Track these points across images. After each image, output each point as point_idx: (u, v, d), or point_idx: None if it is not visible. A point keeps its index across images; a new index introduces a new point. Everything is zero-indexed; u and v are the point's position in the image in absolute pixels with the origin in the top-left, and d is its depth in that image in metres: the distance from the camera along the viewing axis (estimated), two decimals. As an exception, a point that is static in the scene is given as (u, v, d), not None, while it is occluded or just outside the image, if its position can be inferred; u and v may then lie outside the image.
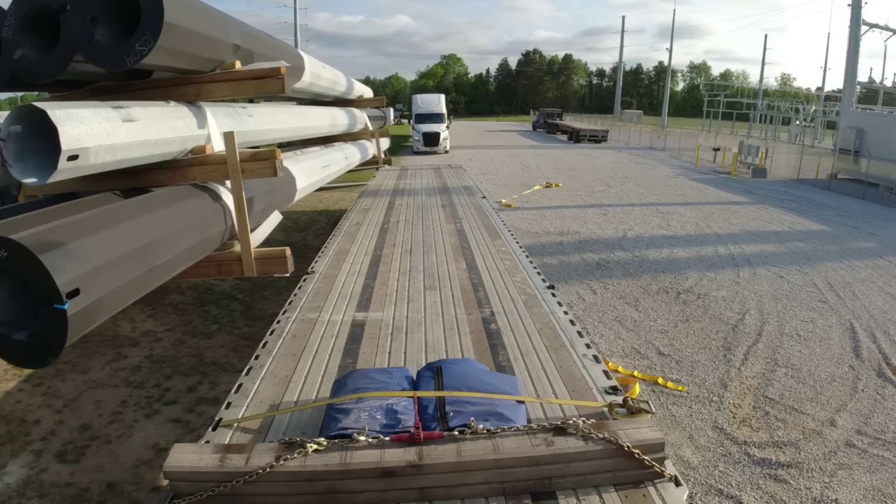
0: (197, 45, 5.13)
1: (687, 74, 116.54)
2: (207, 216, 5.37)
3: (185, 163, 5.58)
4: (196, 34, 4.99)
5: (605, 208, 16.92)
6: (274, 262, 5.89)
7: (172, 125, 5.14)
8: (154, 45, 4.30)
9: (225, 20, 5.87)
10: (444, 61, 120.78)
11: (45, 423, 5.69)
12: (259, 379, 3.41)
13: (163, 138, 4.93)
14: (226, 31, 5.71)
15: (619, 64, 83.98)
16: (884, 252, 12.10)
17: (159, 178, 5.44)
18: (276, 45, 8.05)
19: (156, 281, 4.72)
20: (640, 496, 2.29)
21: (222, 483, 2.22)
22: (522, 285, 5.15)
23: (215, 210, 5.54)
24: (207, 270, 5.87)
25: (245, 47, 6.09)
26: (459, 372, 2.93)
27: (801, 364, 6.91)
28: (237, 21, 6.40)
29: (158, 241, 4.49)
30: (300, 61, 9.47)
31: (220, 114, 6.26)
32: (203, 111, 5.76)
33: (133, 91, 5.36)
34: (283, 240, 13.45)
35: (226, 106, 6.68)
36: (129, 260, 4.05)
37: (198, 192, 5.53)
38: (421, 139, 34.24)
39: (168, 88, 5.53)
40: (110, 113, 4.28)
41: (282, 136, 9.50)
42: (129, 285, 4.08)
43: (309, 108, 12.38)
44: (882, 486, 4.70)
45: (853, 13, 27.13)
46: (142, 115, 4.67)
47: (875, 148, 20.06)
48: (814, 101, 55.49)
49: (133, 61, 4.33)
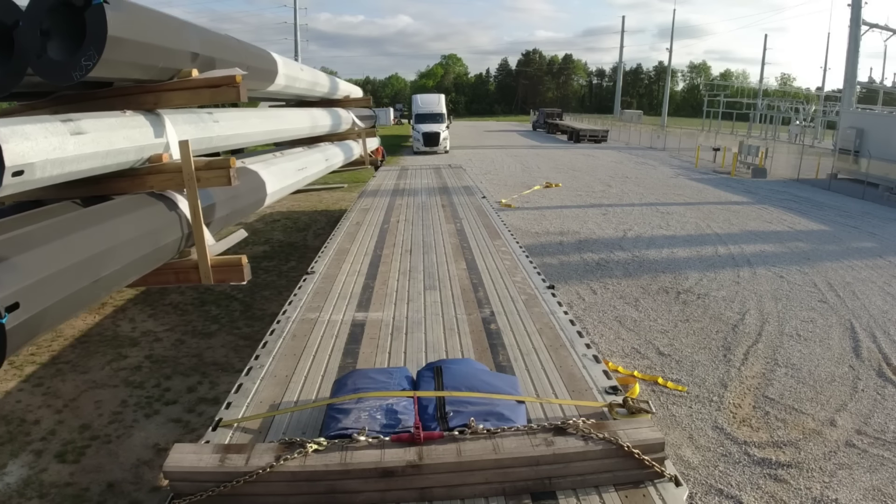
0: (148, 56, 5.23)
1: (687, 74, 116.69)
2: (162, 225, 5.43)
3: (143, 171, 5.63)
4: (146, 45, 5.10)
5: (605, 208, 16.92)
6: (231, 271, 5.93)
7: (126, 135, 5.20)
8: (98, 59, 4.44)
9: (181, 29, 5.93)
10: (444, 61, 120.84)
11: (45, 423, 5.69)
12: (259, 379, 3.41)
13: (115, 149, 5.00)
14: (181, 39, 5.78)
15: (619, 64, 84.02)
16: (884, 252, 12.10)
17: (119, 186, 5.53)
18: (245, 50, 8.09)
19: (106, 290, 4.87)
20: (640, 496, 2.29)
21: (222, 483, 2.22)
22: (522, 285, 5.15)
23: (171, 218, 5.59)
24: (166, 278, 5.94)
25: (206, 55, 6.17)
26: (459, 372, 2.93)
27: (801, 364, 6.91)
28: (198, 29, 6.48)
29: (107, 251, 4.59)
30: (273, 65, 9.46)
31: (182, 121, 6.29)
32: (161, 119, 5.79)
33: (95, 100, 5.47)
34: (283, 240, 13.46)
35: (189, 113, 6.70)
36: (76, 271, 4.14)
37: (154, 201, 5.58)
38: (421, 139, 34.25)
39: (127, 97, 5.62)
40: (58, 127, 4.36)
41: (254, 140, 9.45)
42: (76, 296, 4.18)
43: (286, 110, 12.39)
44: (882, 486, 4.70)
45: (853, 13, 27.12)
46: (92, 127, 4.74)
47: (875, 148, 20.06)
48: (814, 101, 55.51)
49: (79, 76, 4.48)
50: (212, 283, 5.90)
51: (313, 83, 12.75)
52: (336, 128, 14.84)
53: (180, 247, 5.79)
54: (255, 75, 8.45)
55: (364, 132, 17.34)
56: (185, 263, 5.92)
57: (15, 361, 6.99)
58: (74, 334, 7.86)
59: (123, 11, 4.73)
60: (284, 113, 11.77)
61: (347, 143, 15.84)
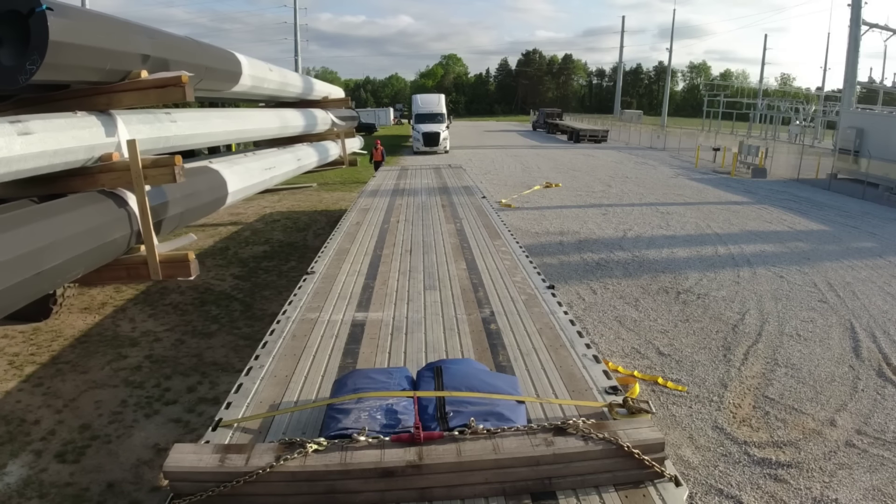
0: (94, 59, 5.44)
1: (687, 74, 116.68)
2: (110, 221, 5.62)
3: (95, 170, 5.86)
4: (92, 49, 5.32)
5: (605, 208, 16.92)
6: (179, 266, 6.11)
7: (76, 135, 5.42)
8: (41, 63, 4.67)
9: (130, 32, 6.14)
10: (444, 61, 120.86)
11: (45, 423, 5.69)
12: (259, 379, 3.40)
13: (63, 148, 5.22)
14: (130, 42, 5.99)
15: (619, 64, 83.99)
16: (884, 252, 12.10)
17: (73, 184, 5.78)
18: (203, 52, 8.27)
19: (50, 283, 5.11)
20: (640, 496, 2.29)
21: (222, 483, 2.21)
22: (522, 285, 5.15)
23: (120, 215, 5.77)
24: (118, 274, 6.18)
25: (158, 56, 6.37)
26: (459, 372, 2.93)
27: (800, 364, 6.91)
28: (151, 31, 6.66)
29: (50, 245, 4.83)
30: (236, 66, 9.55)
31: (136, 121, 6.46)
32: (114, 119, 5.98)
33: (52, 102, 5.73)
34: (283, 240, 13.46)
35: (145, 113, 6.88)
36: (13, 266, 4.41)
37: (103, 198, 5.76)
38: (421, 139, 34.26)
39: (82, 99, 5.87)
40: (6, 128, 4.60)
41: (217, 139, 9.56)
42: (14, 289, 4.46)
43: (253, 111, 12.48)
44: (882, 485, 4.70)
45: (853, 13, 27.10)
46: (40, 128, 4.96)
47: (875, 148, 20.05)
48: (814, 101, 55.50)
49: (24, 79, 4.72)
50: (160, 278, 6.10)
51: (283, 84, 12.80)
52: (311, 128, 14.89)
53: (130, 243, 5.97)
54: (216, 76, 8.72)
55: (343, 133, 17.43)
56: (136, 259, 6.11)
57: (15, 361, 7.00)
58: (74, 334, 7.86)
59: (69, 17, 4.98)
60: (251, 113, 11.83)
61: (324, 144, 15.85)
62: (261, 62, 11.33)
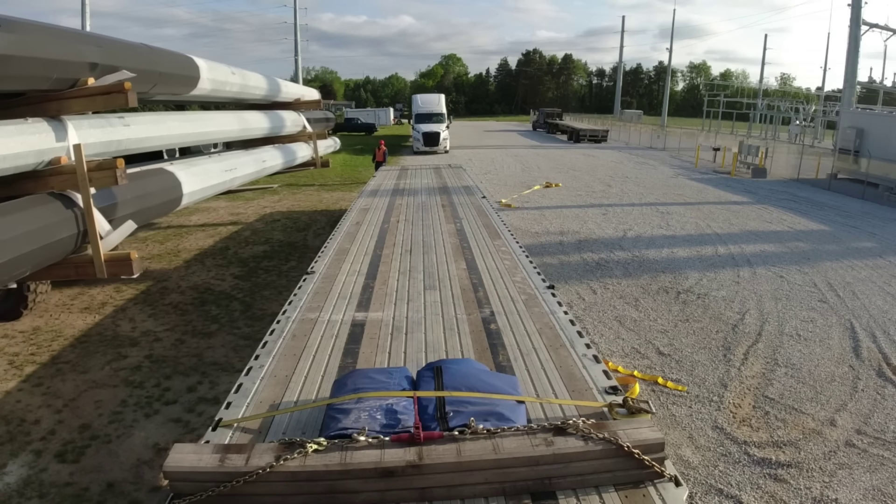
0: (41, 69, 5.75)
1: (687, 74, 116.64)
2: (58, 222, 5.87)
3: (46, 173, 6.18)
4: (38, 60, 5.61)
5: (605, 208, 16.92)
6: (122, 265, 6.41)
7: (24, 140, 5.72)
8: None
9: (79, 42, 6.45)
10: (444, 61, 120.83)
11: (45, 422, 5.69)
12: (259, 379, 3.40)
13: (12, 153, 5.55)
14: (78, 52, 6.29)
15: (619, 64, 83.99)
16: (884, 252, 12.10)
17: (25, 187, 6.15)
18: (157, 58, 8.57)
19: None
20: (640, 496, 2.29)
21: (222, 483, 2.21)
22: (522, 285, 5.15)
23: (68, 216, 6.02)
24: (66, 272, 6.52)
25: (106, 63, 6.66)
26: (459, 372, 2.92)
27: (800, 364, 6.91)
28: (101, 39, 6.96)
29: None
30: (194, 70, 9.72)
31: (87, 126, 6.76)
32: (64, 125, 6.28)
33: (8, 109, 6.09)
34: (283, 240, 13.46)
35: (97, 118, 7.18)
36: None
37: (52, 200, 6.03)
38: (421, 139, 34.27)
39: (35, 106, 6.22)
40: None
41: (171, 142, 9.77)
42: None
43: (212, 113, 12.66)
44: (882, 485, 4.70)
45: (853, 13, 27.12)
46: None
47: (875, 148, 20.05)
48: (814, 101, 55.50)
49: None
50: (105, 276, 6.38)
51: (244, 86, 12.94)
52: (278, 130, 15.06)
53: (77, 242, 6.21)
54: (172, 81, 9.11)
55: (315, 134, 17.56)
56: (83, 258, 6.39)
57: (15, 361, 7.00)
58: (74, 334, 7.86)
59: (15, 32, 5.26)
60: (209, 116, 11.96)
61: (291, 146, 15.97)
62: (222, 66, 11.48)
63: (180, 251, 12.48)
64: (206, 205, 17.73)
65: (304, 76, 62.28)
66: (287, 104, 16.51)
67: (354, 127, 53.98)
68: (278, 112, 15.29)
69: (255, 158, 12.99)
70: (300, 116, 16.51)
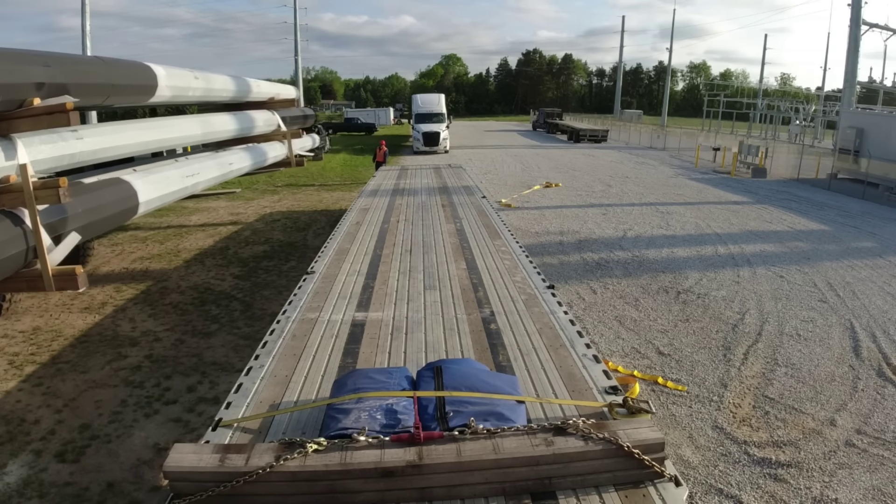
0: None
1: (687, 74, 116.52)
2: (7, 239, 6.02)
3: None
4: None
5: (605, 208, 16.92)
6: (68, 279, 6.59)
7: None
8: None
9: (24, 62, 6.52)
10: (444, 61, 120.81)
11: (45, 422, 5.70)
12: (259, 379, 3.40)
13: None
14: (22, 73, 6.40)
15: (619, 64, 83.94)
16: (884, 251, 12.10)
17: None
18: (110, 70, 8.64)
19: None
20: (640, 496, 2.29)
21: (222, 483, 2.21)
22: (522, 285, 5.15)
23: (17, 233, 6.16)
24: (18, 285, 6.70)
25: (55, 82, 6.76)
26: (459, 372, 2.92)
27: (800, 364, 6.91)
28: (49, 58, 7.00)
29: None
30: (151, 79, 9.85)
31: (38, 142, 6.86)
32: (13, 143, 6.41)
33: None
34: (283, 240, 13.47)
35: (48, 133, 7.23)
36: None
37: (2, 218, 6.13)
38: (421, 139, 34.25)
39: None
40: None
41: (129, 151, 9.82)
42: None
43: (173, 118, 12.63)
44: (882, 485, 4.70)
45: (853, 13, 27.09)
46: None
47: (875, 148, 20.05)
48: (814, 101, 55.49)
49: None
50: (53, 290, 6.59)
51: (208, 90, 12.95)
52: (248, 131, 14.99)
53: (27, 257, 6.35)
54: (126, 91, 9.28)
55: (290, 133, 17.46)
56: (33, 272, 6.55)
57: (15, 361, 7.00)
58: (74, 334, 7.87)
59: None
60: (171, 121, 11.91)
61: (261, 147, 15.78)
62: (184, 70, 11.47)
63: (180, 251, 12.49)
64: (206, 205, 17.75)
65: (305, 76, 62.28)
66: (261, 103, 16.48)
67: (354, 127, 54.02)
68: (248, 112, 15.22)
69: (220, 162, 12.87)
70: (274, 115, 16.43)
